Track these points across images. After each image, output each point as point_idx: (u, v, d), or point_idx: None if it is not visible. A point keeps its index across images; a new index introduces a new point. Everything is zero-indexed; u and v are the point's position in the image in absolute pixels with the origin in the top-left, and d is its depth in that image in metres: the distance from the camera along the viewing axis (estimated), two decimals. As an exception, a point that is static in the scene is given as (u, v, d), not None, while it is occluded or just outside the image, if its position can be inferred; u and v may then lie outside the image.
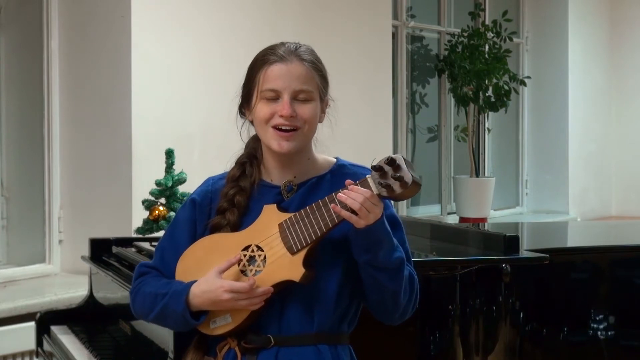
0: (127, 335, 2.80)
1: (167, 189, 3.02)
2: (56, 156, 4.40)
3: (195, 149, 4.47)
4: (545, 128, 7.82)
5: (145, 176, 3.79)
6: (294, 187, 1.90)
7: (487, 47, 6.73)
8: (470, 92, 6.60)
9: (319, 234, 1.79)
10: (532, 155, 7.90)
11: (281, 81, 1.85)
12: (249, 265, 1.84)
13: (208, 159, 4.51)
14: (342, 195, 1.74)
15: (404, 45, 6.57)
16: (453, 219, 6.76)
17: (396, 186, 1.70)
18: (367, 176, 1.74)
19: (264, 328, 1.86)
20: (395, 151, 6.23)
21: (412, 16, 6.72)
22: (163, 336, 2.37)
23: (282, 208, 1.86)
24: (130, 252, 3.02)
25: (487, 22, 7.06)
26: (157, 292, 1.88)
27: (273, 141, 1.86)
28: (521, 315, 2.85)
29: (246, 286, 1.78)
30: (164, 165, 3.06)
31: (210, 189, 1.96)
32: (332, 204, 1.75)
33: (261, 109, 1.86)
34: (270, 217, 1.84)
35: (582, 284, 3.13)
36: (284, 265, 1.81)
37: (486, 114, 7.12)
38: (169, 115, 4.37)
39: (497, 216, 7.39)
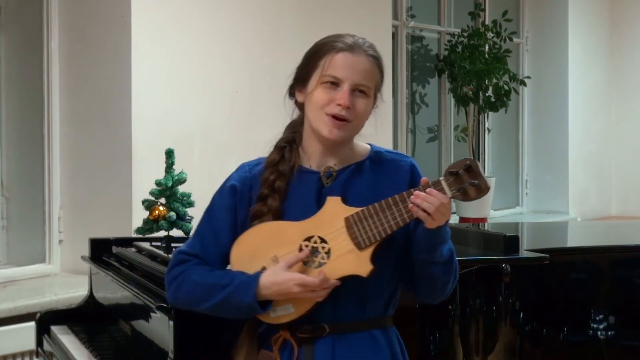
0: (127, 335, 2.80)
1: (167, 189, 3.02)
2: (56, 156, 4.40)
3: (195, 149, 4.47)
4: (545, 128, 7.81)
5: (145, 176, 3.79)
6: (333, 174, 1.93)
7: (487, 47, 6.72)
8: (470, 92, 6.60)
9: (389, 232, 1.82)
10: (532, 155, 7.89)
11: (345, 71, 1.87)
12: (311, 256, 1.86)
13: (208, 159, 4.51)
14: (417, 198, 1.78)
15: (404, 45, 6.57)
16: (453, 219, 6.75)
17: (472, 191, 1.79)
18: (440, 179, 1.81)
19: (317, 317, 1.88)
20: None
21: (412, 16, 6.72)
22: (163, 336, 2.37)
23: (346, 201, 1.88)
24: (130, 252, 3.02)
25: (487, 22, 7.06)
26: (214, 283, 1.88)
27: (324, 127, 1.87)
28: (521, 315, 2.85)
29: (317, 282, 1.81)
30: (164, 165, 3.06)
31: (249, 175, 1.96)
32: (411, 205, 1.79)
33: (319, 93, 1.88)
34: (335, 209, 1.86)
35: (582, 284, 3.13)
36: (350, 260, 1.83)
37: (486, 114, 7.12)
38: (169, 115, 4.36)
39: (497, 216, 7.39)
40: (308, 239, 1.86)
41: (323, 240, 1.86)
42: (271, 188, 1.91)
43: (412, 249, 1.88)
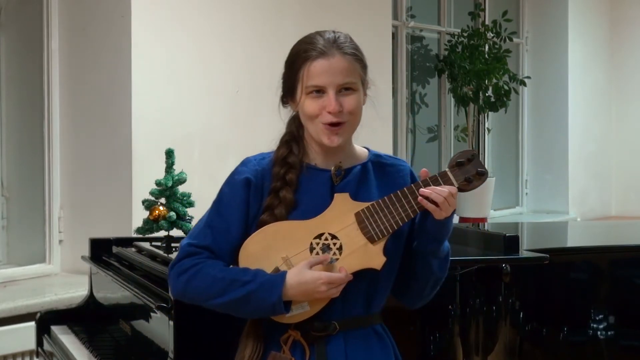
0: (127, 335, 2.80)
1: (167, 189, 3.02)
2: (56, 156, 4.40)
3: (195, 149, 4.47)
4: (545, 128, 7.82)
5: (145, 176, 3.79)
6: (342, 172, 1.94)
7: (487, 47, 6.73)
8: (470, 92, 6.60)
9: (400, 224, 1.86)
10: (532, 155, 7.89)
11: (325, 77, 1.86)
12: (323, 253, 1.87)
13: (208, 159, 4.51)
14: (425, 190, 1.83)
15: (404, 46, 6.57)
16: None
17: (476, 180, 1.86)
18: (446, 170, 1.86)
19: (326, 315, 1.88)
20: (394, 151, 6.24)
21: (412, 16, 6.72)
22: (163, 336, 2.37)
23: (354, 196, 1.89)
24: (130, 252, 3.02)
25: (487, 22, 7.06)
26: (233, 278, 1.83)
27: (324, 136, 1.88)
28: (521, 315, 2.85)
29: (343, 277, 1.82)
30: (164, 165, 3.06)
31: (259, 168, 1.93)
32: (420, 198, 1.83)
33: (309, 104, 1.88)
34: (344, 206, 1.88)
35: (582, 284, 3.13)
36: (364, 254, 1.86)
37: (486, 114, 7.12)
38: (169, 115, 4.36)
39: (497, 216, 7.39)
40: (318, 237, 1.86)
41: (334, 237, 1.87)
42: (283, 181, 1.90)
43: (419, 241, 1.90)
